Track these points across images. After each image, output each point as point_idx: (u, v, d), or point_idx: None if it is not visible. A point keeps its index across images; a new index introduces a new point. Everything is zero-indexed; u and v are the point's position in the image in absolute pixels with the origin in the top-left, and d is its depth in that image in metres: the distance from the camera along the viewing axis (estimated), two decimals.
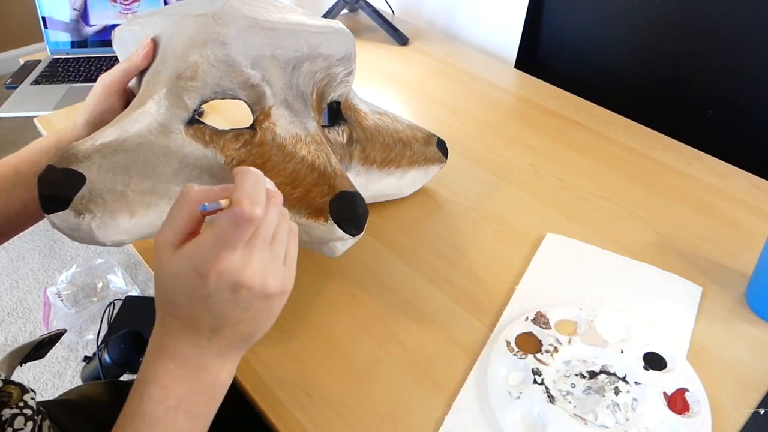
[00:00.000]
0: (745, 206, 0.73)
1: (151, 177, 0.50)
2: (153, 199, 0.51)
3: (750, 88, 0.84)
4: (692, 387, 0.51)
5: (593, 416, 0.49)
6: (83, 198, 0.47)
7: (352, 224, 0.52)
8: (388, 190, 0.69)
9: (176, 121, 0.51)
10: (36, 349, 0.64)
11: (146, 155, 0.50)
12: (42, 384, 1.40)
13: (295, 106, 0.55)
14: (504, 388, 0.51)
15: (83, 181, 0.47)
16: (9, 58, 2.57)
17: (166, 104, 0.51)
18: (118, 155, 0.49)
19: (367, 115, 0.65)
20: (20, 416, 0.45)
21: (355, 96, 0.64)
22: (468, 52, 1.11)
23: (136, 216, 0.50)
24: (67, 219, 0.46)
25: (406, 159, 0.68)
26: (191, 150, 0.52)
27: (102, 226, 0.48)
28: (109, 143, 0.49)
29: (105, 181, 0.48)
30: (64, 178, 0.46)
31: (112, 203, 0.48)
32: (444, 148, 0.73)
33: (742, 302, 0.61)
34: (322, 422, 0.51)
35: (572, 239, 0.67)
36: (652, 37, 0.92)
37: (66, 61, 1.20)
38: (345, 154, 0.61)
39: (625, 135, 0.86)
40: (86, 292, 1.53)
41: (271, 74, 0.54)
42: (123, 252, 1.74)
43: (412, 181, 0.71)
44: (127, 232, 0.50)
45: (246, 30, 0.52)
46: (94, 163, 0.48)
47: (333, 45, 0.57)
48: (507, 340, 0.55)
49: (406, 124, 0.69)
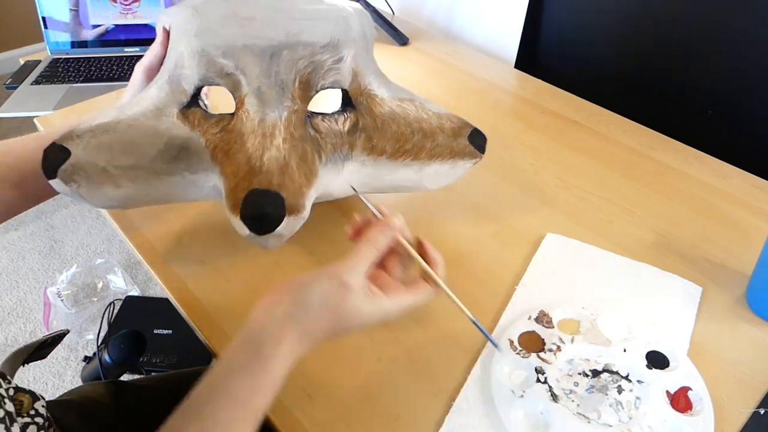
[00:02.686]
0: (745, 206, 0.73)
1: (134, 154, 0.57)
2: (139, 174, 0.57)
3: (750, 88, 0.84)
4: (695, 386, 0.51)
5: (596, 415, 0.49)
6: (67, 170, 0.55)
7: (252, 223, 0.53)
8: (405, 183, 0.65)
9: (172, 105, 0.57)
10: (38, 350, 0.64)
11: (132, 136, 0.57)
12: (42, 384, 1.40)
13: (267, 96, 0.55)
14: (507, 387, 0.51)
15: (68, 155, 0.55)
16: (9, 58, 2.57)
17: (167, 89, 0.58)
18: (107, 135, 0.56)
19: (383, 102, 0.61)
20: (32, 425, 0.45)
21: (375, 81, 0.61)
22: (468, 52, 1.11)
23: (123, 187, 0.58)
24: (59, 185, 0.56)
25: (425, 151, 0.63)
26: (178, 132, 0.57)
27: (89, 194, 0.57)
28: (104, 124, 0.57)
29: (88, 157, 0.56)
30: (54, 152, 0.56)
31: (95, 176, 0.56)
32: (479, 140, 0.65)
33: (742, 302, 0.61)
34: (322, 422, 0.51)
35: (572, 239, 0.67)
36: (652, 37, 0.92)
37: (66, 62, 1.20)
38: (344, 143, 0.59)
39: (625, 135, 0.86)
40: (86, 292, 1.53)
41: (245, 63, 0.55)
42: (123, 252, 1.74)
43: (435, 175, 0.65)
44: (117, 199, 0.59)
45: (219, 21, 0.55)
46: (83, 141, 0.56)
47: (317, 32, 0.55)
48: (510, 339, 0.55)
49: (435, 113, 0.64)
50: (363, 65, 0.60)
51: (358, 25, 0.59)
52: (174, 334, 1.38)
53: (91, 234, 1.82)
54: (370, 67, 0.61)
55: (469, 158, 0.65)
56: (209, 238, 0.70)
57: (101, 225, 1.84)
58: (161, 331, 1.38)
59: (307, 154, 0.56)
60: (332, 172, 0.59)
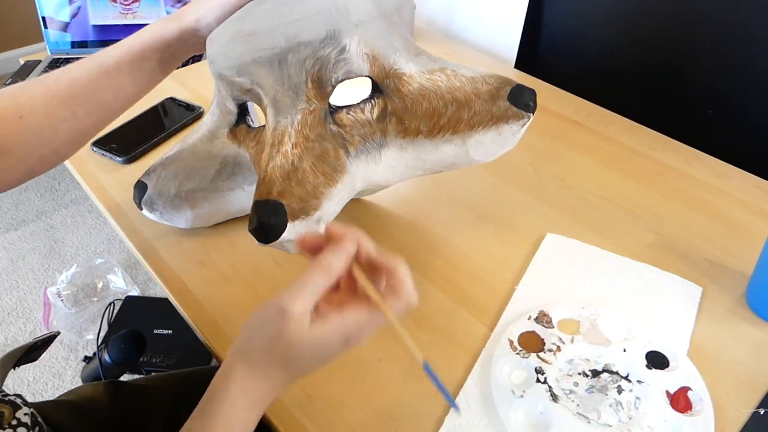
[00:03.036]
0: (745, 206, 0.73)
1: (195, 178, 0.66)
2: (206, 194, 0.66)
3: (750, 88, 0.84)
4: (695, 386, 0.51)
5: (596, 415, 0.49)
6: (147, 201, 0.67)
7: (256, 235, 0.54)
8: (451, 159, 0.60)
9: (223, 126, 0.64)
10: (29, 353, 0.64)
11: (193, 162, 0.65)
12: (42, 384, 1.40)
13: (281, 103, 0.55)
14: (507, 387, 0.51)
15: (146, 188, 0.67)
16: (9, 58, 2.56)
17: (216, 113, 0.64)
18: (173, 165, 0.66)
19: (412, 78, 0.57)
20: None
21: (401, 57, 0.57)
22: (468, 52, 1.11)
23: (198, 207, 0.67)
24: (147, 214, 0.68)
25: (463, 122, 0.58)
26: (229, 151, 0.64)
27: (171, 217, 0.68)
28: (171, 156, 0.67)
29: (161, 188, 0.66)
30: (138, 187, 0.68)
31: (170, 202, 0.66)
32: (524, 98, 0.58)
33: (742, 302, 0.61)
34: (322, 422, 0.51)
35: (572, 239, 0.67)
36: (652, 37, 0.92)
37: (66, 62, 1.20)
38: (374, 131, 0.57)
39: (625, 135, 0.86)
40: (86, 292, 1.53)
41: (258, 76, 0.55)
42: (123, 252, 1.74)
43: (479, 145, 0.59)
44: (198, 218, 0.68)
45: (227, 43, 0.56)
46: (156, 174, 0.67)
47: (312, 30, 0.54)
48: (510, 339, 0.55)
49: (468, 78, 0.58)
50: (381, 46, 0.56)
51: (367, 4, 0.55)
52: (174, 334, 1.38)
53: (91, 234, 1.82)
54: (393, 44, 0.57)
55: (514, 120, 0.58)
56: (209, 238, 0.70)
57: (101, 225, 1.84)
58: (161, 331, 1.38)
59: (328, 153, 0.55)
60: (369, 163, 0.59)
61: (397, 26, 0.59)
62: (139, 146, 0.84)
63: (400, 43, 0.58)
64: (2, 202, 1.93)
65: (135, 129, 0.88)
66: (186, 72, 1.03)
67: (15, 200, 1.94)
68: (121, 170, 0.81)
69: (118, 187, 0.78)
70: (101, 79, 0.57)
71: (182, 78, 1.01)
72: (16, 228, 1.84)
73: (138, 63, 0.59)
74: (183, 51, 0.61)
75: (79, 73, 0.57)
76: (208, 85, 0.60)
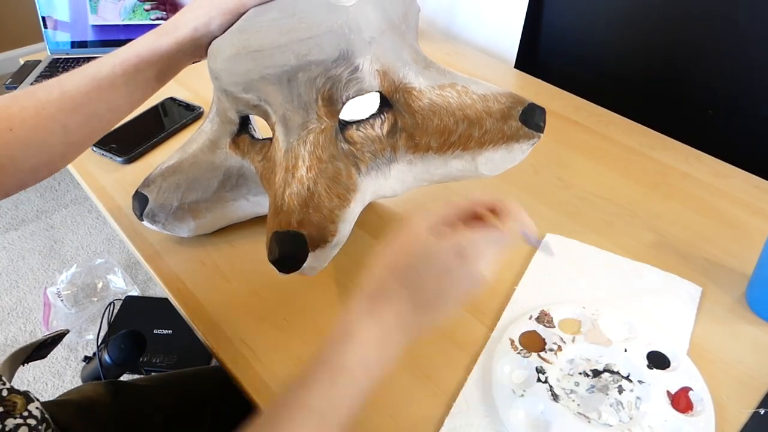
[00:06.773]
0: (745, 206, 0.73)
1: (198, 190, 0.64)
2: (208, 206, 0.65)
3: (750, 88, 0.84)
4: (696, 386, 0.51)
5: (597, 414, 0.49)
6: (149, 214, 0.65)
7: (278, 266, 0.54)
8: (459, 173, 0.61)
9: (225, 136, 0.62)
10: (38, 350, 0.64)
11: (195, 173, 0.64)
12: (42, 384, 1.40)
13: (292, 121, 0.55)
14: (508, 387, 0.51)
15: (147, 201, 0.64)
16: (9, 58, 2.56)
17: (217, 121, 0.62)
18: (174, 176, 0.64)
19: (422, 94, 0.56)
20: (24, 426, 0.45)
21: (410, 71, 0.57)
22: (468, 52, 1.11)
23: (201, 218, 0.66)
24: (149, 226, 0.66)
25: (474, 140, 0.57)
26: (232, 162, 0.62)
27: (174, 228, 0.66)
28: (171, 166, 0.64)
29: (163, 200, 0.64)
30: (137, 199, 0.65)
31: (172, 213, 0.65)
32: (536, 119, 0.58)
33: (742, 302, 0.61)
34: None
35: (572, 239, 0.67)
36: (652, 37, 0.92)
37: (66, 62, 1.20)
38: (384, 147, 0.57)
39: (625, 135, 0.86)
40: (86, 292, 1.53)
41: (267, 93, 0.54)
42: (123, 252, 1.74)
43: (488, 161, 0.60)
44: (202, 227, 0.67)
45: (232, 59, 0.54)
46: (156, 185, 0.64)
47: (324, 49, 0.52)
48: (511, 339, 0.55)
49: (479, 95, 0.58)
50: (391, 60, 0.55)
51: (377, 17, 0.54)
52: (174, 334, 1.38)
53: (91, 234, 1.81)
54: (402, 57, 0.56)
55: (525, 140, 0.59)
56: (209, 238, 0.70)
57: (101, 225, 1.84)
58: (161, 331, 1.38)
59: (340, 173, 0.55)
60: (378, 178, 0.58)
61: (405, 36, 0.58)
62: (139, 146, 0.84)
63: (409, 55, 0.57)
64: (2, 202, 1.93)
65: (135, 129, 0.88)
66: (186, 72, 1.02)
67: (15, 200, 1.94)
68: (121, 170, 0.81)
69: (118, 187, 0.78)
70: (93, 91, 0.56)
71: (182, 78, 1.00)
72: (16, 228, 1.84)
73: (132, 75, 0.57)
74: (182, 62, 0.60)
75: (71, 86, 0.56)
76: (208, 85, 0.60)
